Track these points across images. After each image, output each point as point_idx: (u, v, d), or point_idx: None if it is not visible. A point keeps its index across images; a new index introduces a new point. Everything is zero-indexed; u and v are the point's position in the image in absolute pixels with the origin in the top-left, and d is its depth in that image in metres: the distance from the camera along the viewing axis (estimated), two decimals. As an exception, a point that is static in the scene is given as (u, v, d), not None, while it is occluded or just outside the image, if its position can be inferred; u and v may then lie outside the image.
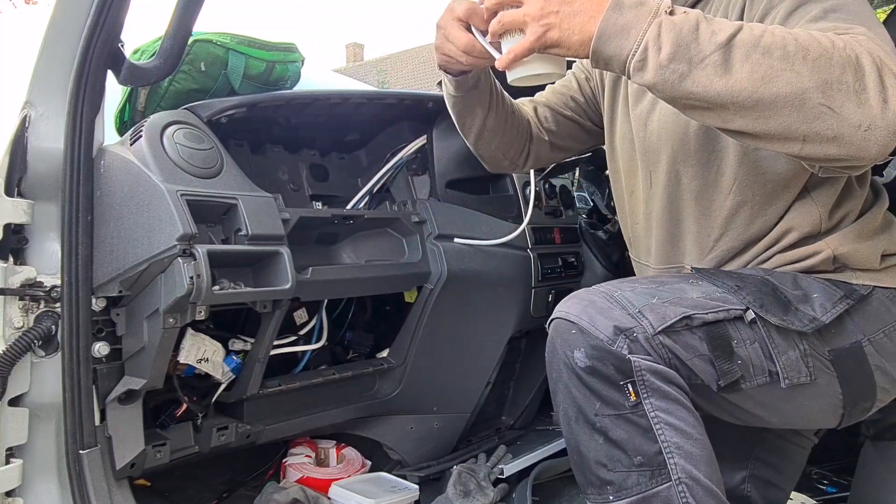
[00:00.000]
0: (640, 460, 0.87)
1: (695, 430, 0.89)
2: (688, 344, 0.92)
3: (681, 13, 0.84)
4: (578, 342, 0.91)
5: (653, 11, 0.84)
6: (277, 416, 1.36)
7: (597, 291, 0.97)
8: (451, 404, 1.65)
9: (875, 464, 1.30)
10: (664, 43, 0.82)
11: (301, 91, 1.42)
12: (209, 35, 1.31)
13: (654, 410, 0.88)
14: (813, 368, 0.96)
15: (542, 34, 0.87)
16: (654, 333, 0.90)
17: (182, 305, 1.07)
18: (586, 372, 0.89)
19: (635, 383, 0.88)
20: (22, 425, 1.05)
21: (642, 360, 0.88)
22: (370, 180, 1.56)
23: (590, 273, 1.84)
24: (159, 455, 1.18)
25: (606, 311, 0.92)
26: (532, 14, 0.87)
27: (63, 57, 1.04)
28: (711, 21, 0.83)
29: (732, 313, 0.95)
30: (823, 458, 1.63)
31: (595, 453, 0.90)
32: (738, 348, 0.94)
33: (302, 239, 1.32)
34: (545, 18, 0.86)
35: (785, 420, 1.03)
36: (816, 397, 0.99)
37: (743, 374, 0.93)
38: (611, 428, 0.89)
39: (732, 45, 0.81)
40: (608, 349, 0.89)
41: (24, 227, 1.06)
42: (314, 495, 1.36)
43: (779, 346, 0.95)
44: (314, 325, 1.47)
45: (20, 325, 1.03)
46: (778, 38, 0.80)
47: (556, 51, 0.89)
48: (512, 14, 0.89)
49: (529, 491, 1.45)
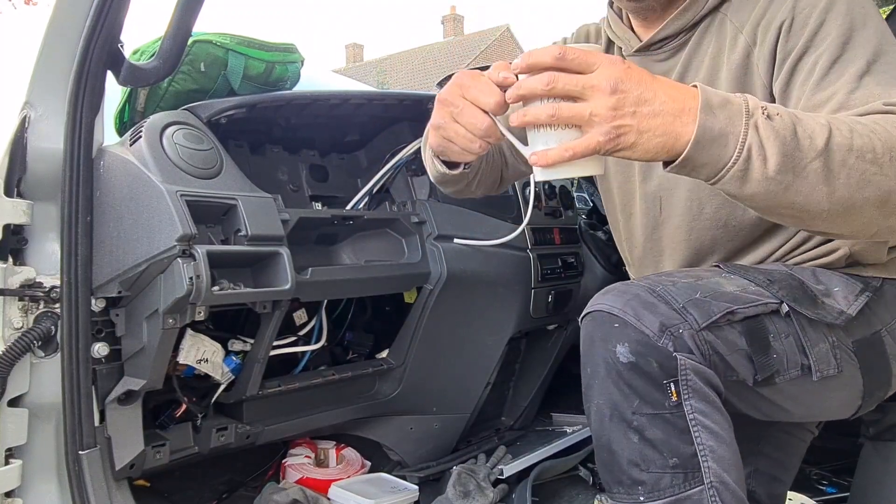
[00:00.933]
0: (675, 462, 0.85)
1: (727, 434, 0.88)
2: (728, 339, 0.91)
3: (775, 114, 0.77)
4: (622, 336, 0.87)
5: (745, 112, 0.76)
6: (277, 416, 1.36)
7: (637, 286, 0.92)
8: (451, 405, 1.65)
9: (875, 464, 1.30)
10: (770, 153, 0.76)
11: (301, 92, 1.42)
12: (209, 35, 1.31)
13: (694, 412, 0.86)
14: (840, 360, 0.96)
15: (614, 137, 0.74)
16: (699, 329, 0.88)
17: (181, 306, 1.07)
18: (627, 368, 0.86)
19: (678, 383, 0.86)
20: (21, 426, 1.05)
21: (687, 358, 0.86)
22: (370, 181, 1.56)
23: (589, 273, 1.84)
24: (159, 455, 1.18)
25: (651, 305, 0.89)
26: (602, 115, 0.73)
27: (63, 57, 1.04)
28: (801, 119, 0.78)
29: (770, 307, 0.94)
30: (823, 459, 1.63)
31: (629, 452, 0.87)
32: (775, 342, 0.94)
33: (301, 239, 1.32)
34: (619, 119, 0.74)
35: (809, 412, 1.04)
36: (841, 389, 1.00)
37: (778, 368, 0.93)
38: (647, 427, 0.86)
39: (830, 151, 0.76)
40: (654, 345, 0.86)
41: (24, 228, 1.06)
42: (314, 496, 1.36)
43: (811, 339, 0.95)
44: (314, 326, 1.47)
45: (20, 326, 1.03)
46: (865, 137, 0.78)
47: (624, 154, 0.76)
48: (572, 109, 0.74)
49: (529, 491, 1.45)
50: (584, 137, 0.75)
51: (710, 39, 1.06)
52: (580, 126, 0.75)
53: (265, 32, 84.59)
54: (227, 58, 1.32)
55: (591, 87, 0.74)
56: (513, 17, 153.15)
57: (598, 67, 0.74)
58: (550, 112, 0.75)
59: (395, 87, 24.27)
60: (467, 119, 0.84)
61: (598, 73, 0.74)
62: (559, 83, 0.74)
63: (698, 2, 1.05)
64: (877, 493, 1.29)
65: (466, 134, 0.85)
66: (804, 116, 0.79)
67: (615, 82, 0.74)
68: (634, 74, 0.75)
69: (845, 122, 0.80)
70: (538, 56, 0.75)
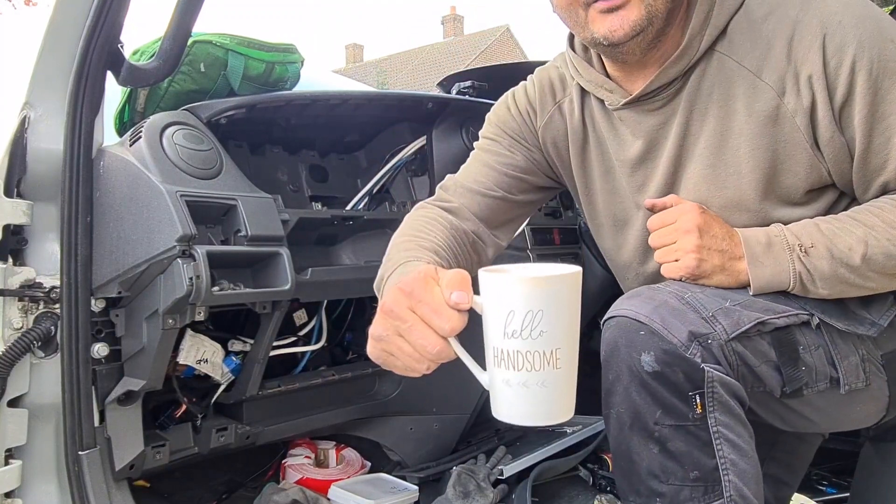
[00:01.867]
0: (696, 475, 0.84)
1: (749, 447, 0.87)
2: (757, 350, 0.89)
3: (809, 247, 0.91)
4: (648, 345, 0.85)
5: (787, 248, 0.91)
6: (277, 416, 1.36)
7: (665, 291, 0.90)
8: (451, 405, 1.65)
9: (875, 464, 1.30)
10: (815, 283, 0.91)
11: (300, 92, 1.42)
12: (209, 36, 1.31)
13: (717, 425, 0.84)
14: (869, 374, 0.95)
15: (693, 270, 0.92)
16: (727, 339, 0.86)
17: (181, 306, 1.07)
18: (652, 377, 0.84)
19: (704, 395, 0.84)
20: (21, 426, 1.05)
21: (714, 370, 0.84)
22: (370, 181, 1.56)
23: (589, 274, 1.84)
24: (159, 456, 1.18)
25: (680, 313, 0.86)
26: (685, 256, 0.93)
27: (62, 58, 1.04)
28: (835, 241, 0.90)
29: (801, 318, 0.92)
30: (823, 459, 1.63)
31: (648, 462, 0.86)
32: (805, 354, 0.92)
33: (301, 240, 1.32)
34: (700, 254, 0.92)
35: (833, 424, 1.03)
36: (867, 402, 0.98)
37: (807, 381, 0.92)
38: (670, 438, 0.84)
39: (868, 262, 0.90)
40: (681, 355, 0.84)
41: (24, 228, 1.06)
42: (314, 496, 1.36)
43: (841, 352, 0.93)
44: (314, 326, 1.47)
45: (19, 326, 1.03)
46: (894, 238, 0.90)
47: (705, 282, 0.93)
48: (667, 238, 0.94)
49: (529, 492, 1.45)
50: (675, 266, 0.93)
51: (713, 83, 0.97)
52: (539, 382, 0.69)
53: (265, 32, 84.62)
54: (226, 58, 1.32)
55: (678, 230, 0.93)
56: (513, 17, 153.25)
57: (682, 214, 0.94)
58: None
59: (395, 87, 24.27)
60: (416, 338, 0.72)
61: (685, 219, 0.93)
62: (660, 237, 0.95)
63: (691, 46, 0.95)
64: (877, 493, 1.29)
65: (413, 353, 0.73)
66: (839, 232, 0.91)
67: (700, 225, 0.92)
68: (711, 219, 0.93)
69: (884, 226, 0.90)
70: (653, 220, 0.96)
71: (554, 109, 1.11)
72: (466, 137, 1.59)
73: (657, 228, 0.95)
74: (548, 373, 0.66)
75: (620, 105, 1.01)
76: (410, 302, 0.71)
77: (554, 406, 0.68)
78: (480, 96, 1.87)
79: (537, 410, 0.68)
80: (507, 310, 0.65)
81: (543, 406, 0.67)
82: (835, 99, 0.91)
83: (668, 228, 0.94)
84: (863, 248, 0.89)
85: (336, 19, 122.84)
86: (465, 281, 0.71)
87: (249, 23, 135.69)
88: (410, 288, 0.72)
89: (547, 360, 0.65)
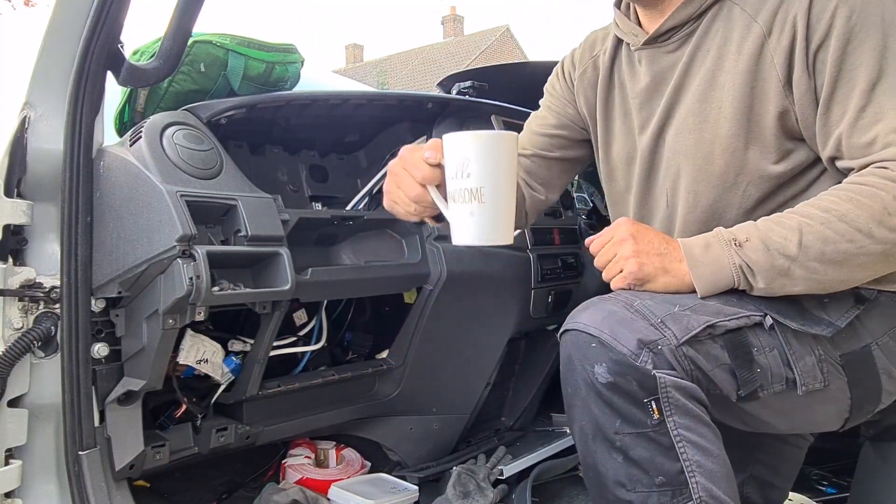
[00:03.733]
0: (661, 480, 0.85)
1: (714, 447, 0.87)
2: (710, 354, 0.90)
3: (744, 241, 0.93)
4: (599, 357, 0.87)
5: (724, 245, 0.93)
6: (277, 416, 1.36)
7: (615, 300, 0.93)
8: (451, 405, 1.65)
9: (875, 464, 1.30)
10: (756, 277, 0.92)
11: (300, 92, 1.42)
12: (209, 36, 1.31)
13: (677, 428, 0.85)
14: (827, 374, 0.95)
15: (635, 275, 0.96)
16: (678, 345, 0.87)
17: (181, 306, 1.07)
18: (607, 388, 0.86)
19: (659, 400, 0.85)
20: (21, 426, 1.05)
21: (667, 375, 0.86)
22: (370, 181, 1.55)
23: (589, 274, 1.84)
24: (158, 456, 1.18)
25: (628, 322, 0.88)
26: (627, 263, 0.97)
27: (62, 58, 1.04)
28: (769, 234, 0.92)
29: (753, 319, 0.93)
30: (823, 459, 1.63)
31: (614, 472, 0.87)
32: (759, 356, 0.92)
33: (301, 240, 1.32)
34: (640, 257, 0.96)
35: (793, 425, 1.03)
36: (827, 402, 0.98)
37: (762, 383, 0.92)
38: (631, 446, 0.86)
39: (804, 251, 0.90)
40: (632, 364, 0.85)
41: (24, 228, 1.06)
42: (313, 496, 1.36)
43: (796, 353, 0.94)
44: (314, 326, 1.47)
45: (19, 326, 1.03)
46: (840, 223, 0.89)
47: (647, 287, 0.97)
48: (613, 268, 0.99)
49: (529, 492, 1.45)
50: (620, 277, 0.97)
51: (718, 28, 1.04)
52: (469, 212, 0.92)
53: (265, 32, 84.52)
54: (226, 58, 1.32)
55: (615, 243, 0.99)
56: (513, 17, 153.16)
57: (616, 231, 0.99)
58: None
59: (395, 87, 24.28)
60: (404, 186, 0.98)
61: (619, 231, 0.99)
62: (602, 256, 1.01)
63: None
64: (877, 493, 1.29)
65: (404, 198, 0.99)
66: (774, 226, 0.92)
67: (634, 233, 0.97)
68: (640, 228, 0.99)
69: (816, 213, 0.90)
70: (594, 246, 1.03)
71: (589, 63, 1.24)
72: (466, 137, 1.59)
73: (598, 250, 1.02)
74: (475, 205, 0.89)
75: (640, 45, 1.11)
76: (402, 162, 0.98)
77: (486, 232, 0.91)
78: (480, 96, 1.87)
79: (475, 234, 0.92)
80: (451, 158, 0.90)
81: (477, 231, 0.91)
82: (812, 41, 0.95)
83: (606, 247, 1.00)
84: (797, 235, 0.90)
85: (336, 19, 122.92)
86: (437, 144, 0.94)
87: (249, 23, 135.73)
88: (403, 154, 0.99)
89: (473, 195, 0.89)
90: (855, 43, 0.92)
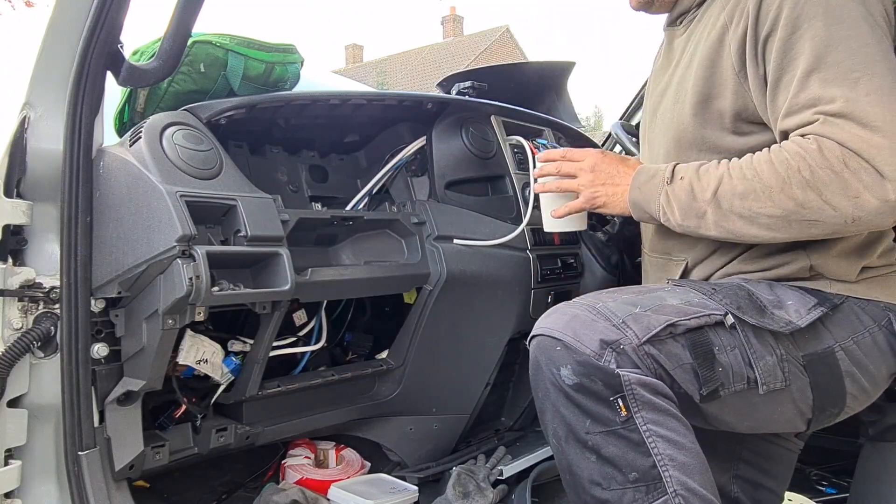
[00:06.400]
0: (634, 476, 0.86)
1: (686, 440, 0.88)
2: (671, 353, 0.92)
3: (678, 179, 1.04)
4: (564, 359, 0.89)
5: (660, 182, 1.06)
6: (277, 417, 1.36)
7: (578, 304, 0.96)
8: (451, 405, 1.65)
9: (874, 464, 1.30)
10: (673, 209, 1.04)
11: (300, 92, 1.42)
12: (208, 36, 1.31)
13: (646, 424, 0.87)
14: (788, 374, 0.97)
15: (590, 199, 1.16)
16: (639, 344, 0.89)
17: (181, 306, 1.07)
18: (574, 389, 0.88)
19: (625, 398, 0.87)
20: (21, 426, 1.05)
21: (631, 373, 0.87)
22: (369, 181, 1.56)
23: (589, 274, 1.84)
24: (158, 456, 1.18)
25: (590, 324, 0.91)
26: (585, 186, 1.17)
27: (62, 58, 1.04)
28: (700, 177, 1.01)
29: (713, 318, 0.95)
30: (823, 459, 1.63)
31: (588, 472, 0.88)
32: (720, 355, 0.94)
33: (301, 240, 1.32)
34: (595, 188, 1.15)
35: (755, 425, 1.04)
36: (788, 402, 0.99)
37: (723, 382, 0.94)
38: (603, 445, 0.87)
39: (717, 199, 0.99)
40: (595, 364, 0.88)
41: (24, 228, 1.06)
42: (313, 496, 1.36)
43: (757, 352, 0.95)
44: (313, 327, 1.47)
45: (19, 327, 1.03)
46: (755, 181, 0.96)
47: (600, 210, 1.17)
48: (570, 184, 1.19)
49: (529, 492, 1.45)
50: (576, 201, 1.19)
51: (709, 17, 1.12)
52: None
53: (265, 32, 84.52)
54: (226, 58, 1.32)
55: (580, 169, 1.17)
56: (513, 17, 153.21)
57: (586, 157, 1.17)
58: (558, 184, 1.21)
59: (395, 87, 24.27)
60: None
61: (586, 160, 1.17)
62: (563, 167, 1.20)
63: None
64: (877, 493, 1.29)
65: None
66: (707, 171, 1.01)
67: (594, 166, 1.16)
68: (607, 160, 1.16)
69: (742, 168, 0.98)
70: (551, 153, 1.23)
71: (659, 51, 1.35)
72: (466, 137, 1.59)
73: (560, 157, 1.20)
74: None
75: (665, 26, 1.26)
76: None
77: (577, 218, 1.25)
78: (480, 96, 1.87)
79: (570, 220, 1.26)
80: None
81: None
82: (761, 32, 0.99)
83: (570, 163, 1.18)
84: (715, 183, 0.99)
85: (336, 19, 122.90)
86: None
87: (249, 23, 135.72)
88: None
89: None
90: (799, 33, 0.95)
